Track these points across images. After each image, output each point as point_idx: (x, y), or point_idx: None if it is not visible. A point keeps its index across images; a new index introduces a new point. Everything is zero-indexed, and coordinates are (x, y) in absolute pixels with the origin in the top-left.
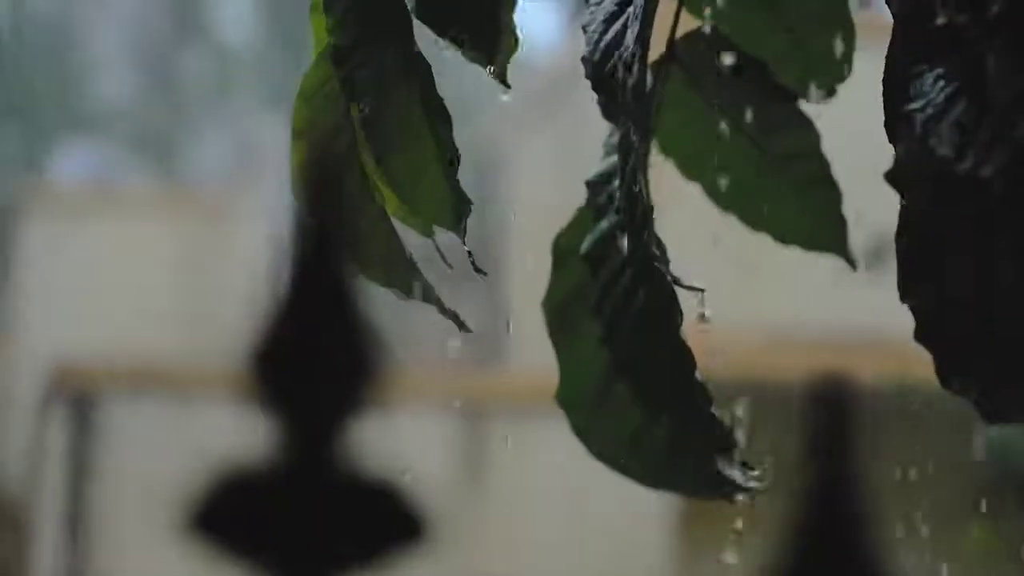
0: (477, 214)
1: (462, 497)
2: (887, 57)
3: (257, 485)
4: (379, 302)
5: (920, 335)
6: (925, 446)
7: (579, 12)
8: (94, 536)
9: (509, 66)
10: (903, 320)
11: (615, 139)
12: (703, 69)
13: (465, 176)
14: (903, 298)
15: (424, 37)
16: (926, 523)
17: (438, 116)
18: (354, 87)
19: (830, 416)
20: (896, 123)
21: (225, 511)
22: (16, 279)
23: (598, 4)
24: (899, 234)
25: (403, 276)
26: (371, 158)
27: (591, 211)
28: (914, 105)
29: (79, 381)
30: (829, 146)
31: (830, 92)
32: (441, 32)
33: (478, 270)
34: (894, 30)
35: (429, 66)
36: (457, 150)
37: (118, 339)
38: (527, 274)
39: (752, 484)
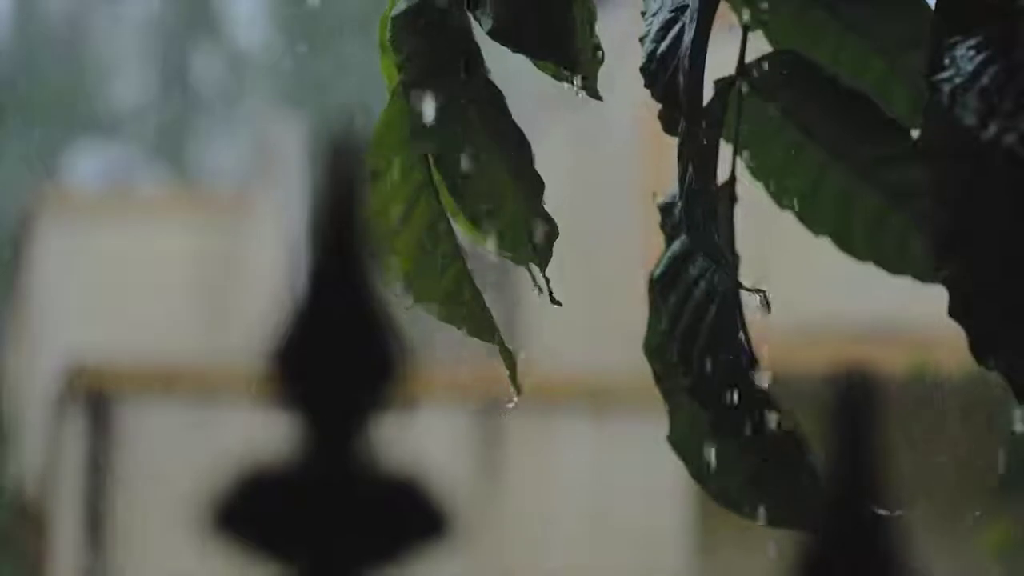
0: None
1: (480, 493)
2: (930, 31)
3: (280, 483)
4: (397, 301)
5: (953, 311)
6: (948, 437)
7: (602, 5)
8: (114, 535)
9: (519, 62)
10: (927, 311)
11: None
12: (791, 96)
13: None
14: (936, 273)
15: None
16: (949, 513)
17: (512, 142)
18: (422, 121)
19: (854, 408)
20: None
21: (248, 510)
22: (33, 282)
23: (654, 14)
24: (932, 209)
25: (480, 321)
26: (447, 195)
27: (663, 235)
28: (943, 75)
29: (96, 382)
30: None
31: None
32: (517, 48)
33: (555, 301)
34: (936, 3)
35: (500, 92)
36: (539, 176)
37: (135, 340)
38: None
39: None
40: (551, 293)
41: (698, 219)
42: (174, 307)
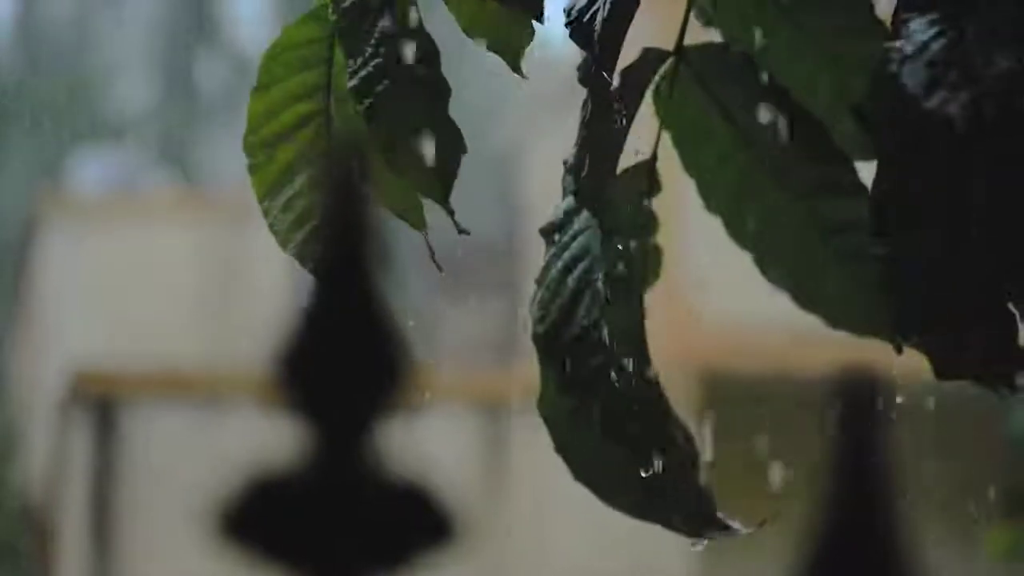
0: (494, 214)
1: (484, 496)
2: (895, 7)
3: (286, 488)
4: (402, 305)
5: (887, 286)
6: (950, 439)
7: None
8: (119, 540)
9: (523, 64)
10: None
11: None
12: (731, 97)
13: (483, 177)
14: (872, 248)
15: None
16: (952, 516)
17: (425, 54)
18: (352, 42)
19: (856, 411)
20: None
21: (255, 515)
22: (38, 286)
23: None
24: (875, 184)
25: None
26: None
27: (562, 189)
28: (895, 44)
29: (101, 386)
30: None
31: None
32: None
33: (461, 231)
34: None
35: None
36: (446, 82)
37: (141, 344)
38: None
39: (740, 528)
40: (457, 224)
41: (582, 165)
42: (179, 311)
